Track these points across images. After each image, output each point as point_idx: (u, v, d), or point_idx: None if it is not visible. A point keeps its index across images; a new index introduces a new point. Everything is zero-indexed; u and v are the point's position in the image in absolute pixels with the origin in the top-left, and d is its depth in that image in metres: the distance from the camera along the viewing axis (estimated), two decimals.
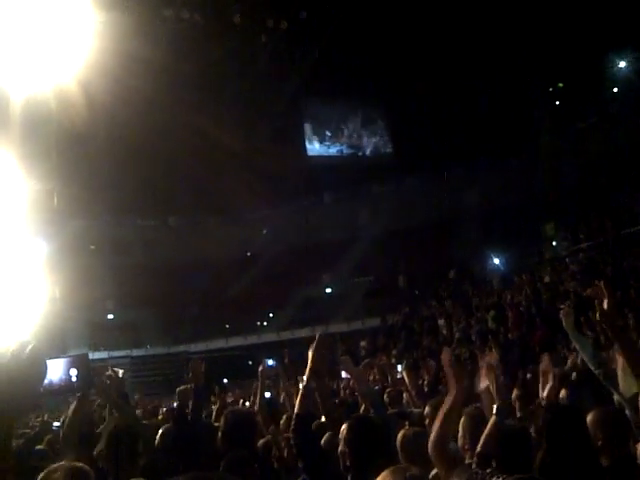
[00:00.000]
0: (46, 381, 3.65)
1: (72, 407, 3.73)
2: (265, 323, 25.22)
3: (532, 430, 2.48)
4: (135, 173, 23.46)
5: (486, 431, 2.73)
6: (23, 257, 17.30)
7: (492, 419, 2.77)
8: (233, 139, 24.84)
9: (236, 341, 23.96)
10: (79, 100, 16.54)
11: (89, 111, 19.10)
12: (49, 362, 1.84)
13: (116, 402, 4.04)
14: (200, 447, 3.79)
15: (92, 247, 24.29)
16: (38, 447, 4.86)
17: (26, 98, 14.51)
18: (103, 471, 3.59)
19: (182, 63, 21.15)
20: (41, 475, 2.68)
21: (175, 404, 3.83)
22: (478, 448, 2.68)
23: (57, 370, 3.82)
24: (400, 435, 2.96)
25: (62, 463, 2.82)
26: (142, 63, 19.25)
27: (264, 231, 28.73)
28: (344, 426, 2.59)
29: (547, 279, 16.55)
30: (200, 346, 23.07)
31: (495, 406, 2.82)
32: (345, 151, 30.51)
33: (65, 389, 3.84)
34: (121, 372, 4.19)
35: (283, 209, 27.93)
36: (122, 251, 25.76)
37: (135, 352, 23.36)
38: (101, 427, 4.37)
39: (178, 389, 3.72)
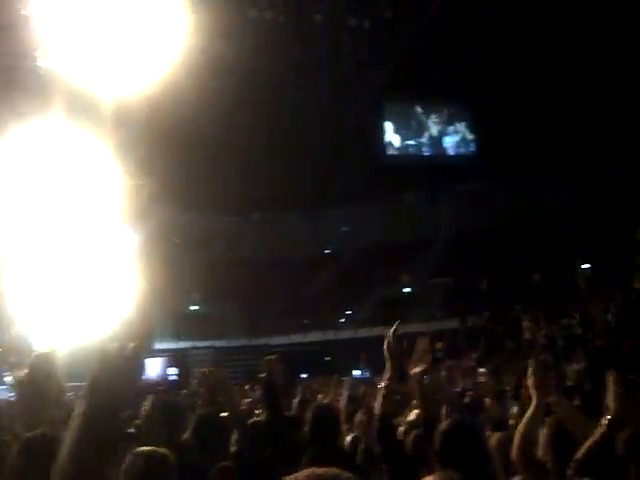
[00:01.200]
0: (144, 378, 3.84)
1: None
2: (343, 320, 25.36)
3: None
4: (219, 170, 24.07)
5: (593, 441, 2.65)
6: (116, 248, 18.10)
7: (602, 429, 2.68)
8: (313, 137, 25.06)
9: (314, 336, 24.19)
10: (168, 99, 17.10)
11: (177, 110, 19.76)
12: (148, 360, 1.94)
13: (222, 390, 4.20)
14: (286, 439, 3.87)
15: (177, 241, 25.08)
16: (129, 430, 5.11)
17: (119, 97, 15.17)
18: (189, 458, 3.76)
19: (264, 62, 21.51)
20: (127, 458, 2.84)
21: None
22: (579, 455, 2.62)
23: (155, 368, 4.01)
24: (495, 439, 2.94)
25: (144, 448, 2.97)
26: (226, 62, 19.73)
27: (343, 229, 28.84)
28: (442, 426, 2.60)
29: (638, 285, 15.87)
30: (280, 339, 23.42)
31: (609, 417, 2.72)
32: (426, 150, 30.15)
33: (162, 386, 4.02)
34: (215, 370, 4.34)
35: (363, 208, 27.92)
36: (206, 246, 26.50)
37: (217, 343, 24.00)
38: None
39: (265, 358, 3.82)
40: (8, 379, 17.32)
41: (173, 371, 21.16)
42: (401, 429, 3.97)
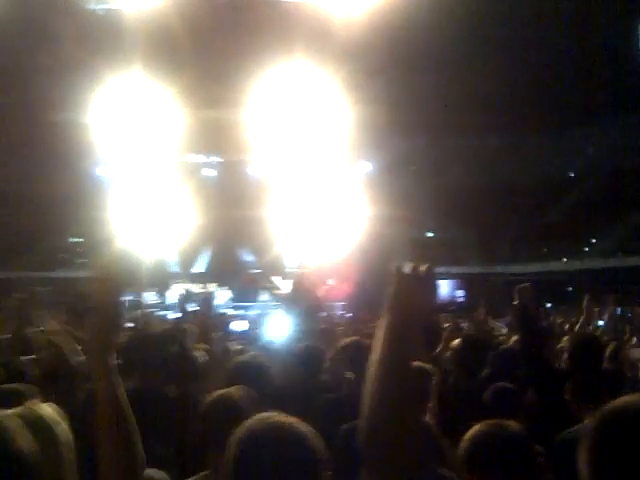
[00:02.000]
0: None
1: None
2: (587, 249, 23.90)
3: None
4: (454, 94, 23.51)
5: None
6: (346, 178, 18.97)
7: None
8: (557, 50, 23.22)
9: (555, 266, 23.14)
10: (401, 22, 16.94)
11: (409, 33, 19.51)
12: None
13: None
14: (537, 366, 3.81)
15: (412, 168, 25.26)
16: None
17: (350, 20, 15.39)
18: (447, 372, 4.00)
19: None
20: None
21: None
22: None
23: (444, 289, 4.21)
24: None
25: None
26: None
27: (590, 149, 26.63)
28: None
29: None
30: (518, 268, 22.80)
31: None
32: None
33: (452, 306, 4.22)
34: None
35: (612, 125, 25.36)
36: (441, 172, 26.29)
37: (454, 270, 24.01)
38: None
39: (519, 286, 3.79)
40: (264, 297, 19.40)
41: (460, 293, 22.15)
42: None
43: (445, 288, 21.82)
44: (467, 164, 26.65)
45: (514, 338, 4.64)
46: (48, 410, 1.58)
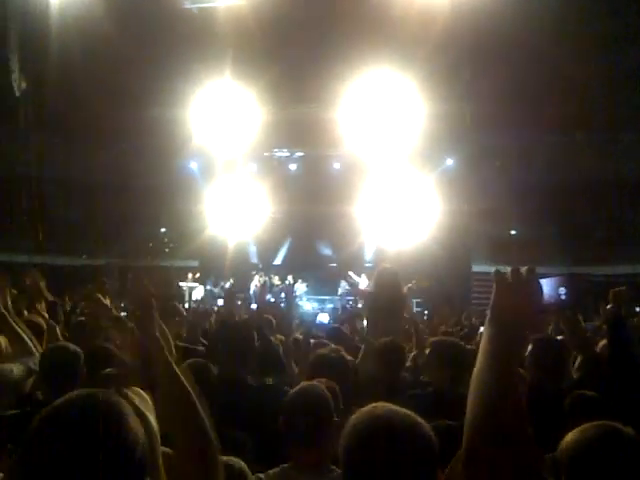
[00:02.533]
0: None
1: None
2: None
3: None
4: (539, 86, 22.82)
5: None
6: (428, 173, 18.80)
7: None
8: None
9: None
10: (485, 14, 16.51)
11: (494, 25, 19.03)
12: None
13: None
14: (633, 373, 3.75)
15: (497, 163, 24.63)
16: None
17: (435, 13, 15.16)
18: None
19: None
20: None
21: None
22: None
23: (546, 288, 4.17)
24: None
25: None
26: None
27: None
28: None
29: None
30: (604, 269, 21.92)
31: None
32: None
33: (554, 305, 4.20)
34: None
35: None
36: (527, 168, 25.56)
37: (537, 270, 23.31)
38: None
39: (614, 290, 3.71)
40: (341, 291, 19.57)
41: (562, 291, 21.65)
42: None
43: (546, 287, 20.98)
44: (555, 160, 25.79)
45: (602, 343, 4.53)
46: (140, 397, 1.67)
